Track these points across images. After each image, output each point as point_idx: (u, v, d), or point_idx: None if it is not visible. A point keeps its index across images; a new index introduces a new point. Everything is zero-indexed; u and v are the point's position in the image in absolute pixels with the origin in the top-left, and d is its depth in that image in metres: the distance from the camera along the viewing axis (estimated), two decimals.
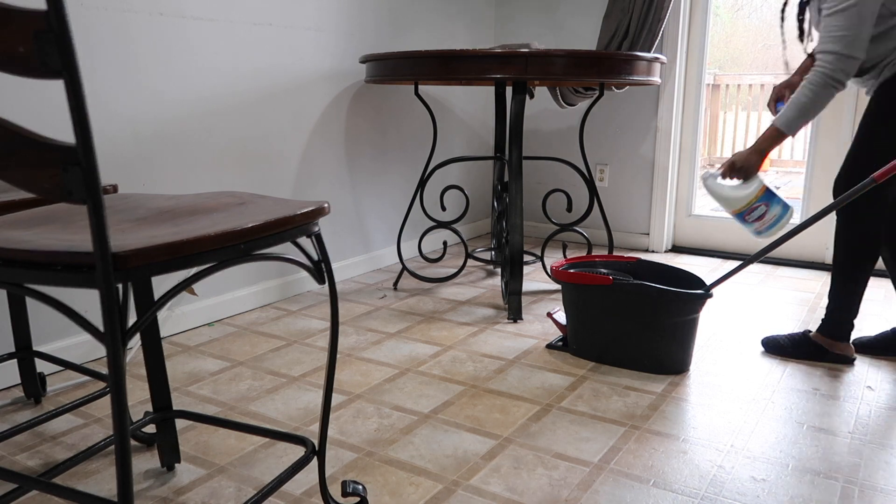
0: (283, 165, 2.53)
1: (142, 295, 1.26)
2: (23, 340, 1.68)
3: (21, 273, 0.86)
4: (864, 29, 1.69)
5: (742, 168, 1.91)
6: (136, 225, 1.00)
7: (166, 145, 2.12)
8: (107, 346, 0.82)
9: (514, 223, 2.36)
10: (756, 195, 1.89)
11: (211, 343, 2.15)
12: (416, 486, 1.38)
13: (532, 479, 1.40)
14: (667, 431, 1.60)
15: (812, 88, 1.77)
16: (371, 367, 1.97)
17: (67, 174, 0.76)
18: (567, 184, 3.54)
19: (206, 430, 1.61)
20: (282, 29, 2.44)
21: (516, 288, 2.38)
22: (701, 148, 3.36)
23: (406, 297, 2.63)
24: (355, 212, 2.91)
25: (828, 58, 1.74)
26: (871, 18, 1.69)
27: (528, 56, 2.15)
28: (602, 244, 3.35)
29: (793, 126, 1.83)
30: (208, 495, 1.35)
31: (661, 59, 2.40)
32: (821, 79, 1.75)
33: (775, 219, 1.89)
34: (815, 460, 1.48)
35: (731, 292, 2.70)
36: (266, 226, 0.99)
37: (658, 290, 1.85)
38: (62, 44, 0.71)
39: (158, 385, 1.38)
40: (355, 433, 1.59)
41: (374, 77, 2.47)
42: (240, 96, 2.32)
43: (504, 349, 2.11)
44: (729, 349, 2.11)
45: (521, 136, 2.36)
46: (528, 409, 1.72)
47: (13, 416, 1.68)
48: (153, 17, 2.03)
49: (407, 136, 3.13)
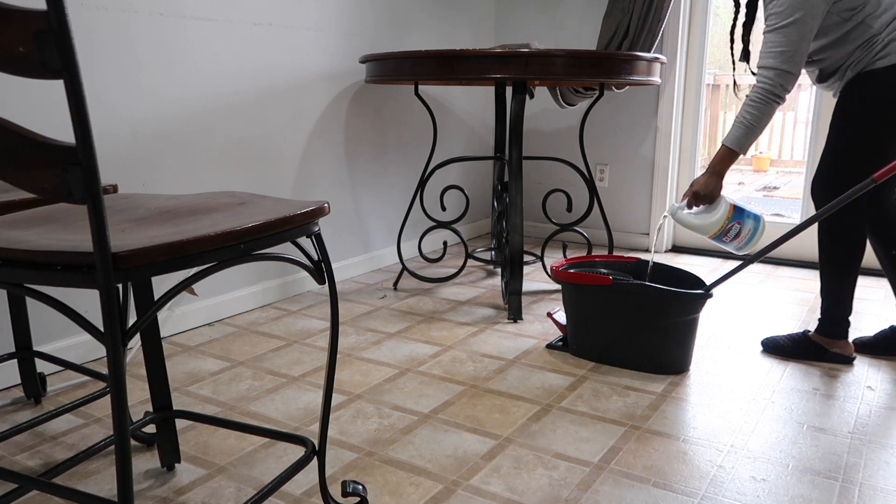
0: (283, 165, 2.53)
1: (142, 295, 1.27)
2: (23, 340, 1.68)
3: (21, 273, 0.86)
4: (803, 45, 1.73)
5: (706, 195, 1.93)
6: (136, 225, 1.00)
7: (166, 145, 2.12)
8: (107, 346, 0.83)
9: (514, 223, 2.36)
10: (727, 216, 1.91)
11: (211, 343, 2.15)
12: (416, 486, 1.38)
13: (532, 479, 1.40)
14: (667, 431, 1.60)
15: (754, 105, 1.80)
16: (371, 367, 1.97)
17: (67, 174, 0.76)
18: (567, 184, 3.54)
19: (206, 430, 1.61)
20: (282, 29, 2.44)
21: (516, 288, 2.38)
22: (701, 148, 3.37)
23: (406, 297, 2.63)
24: (355, 212, 2.91)
25: (768, 73, 1.77)
26: (811, 35, 1.73)
27: (528, 56, 2.15)
28: (602, 244, 3.35)
29: (743, 144, 1.86)
30: (208, 495, 1.35)
31: (661, 59, 2.40)
32: (761, 95, 1.79)
33: (751, 233, 1.91)
34: (815, 460, 1.48)
35: (731, 292, 2.70)
36: (266, 226, 0.99)
37: (658, 290, 1.85)
38: (62, 44, 0.71)
39: (158, 385, 1.38)
40: (355, 433, 1.59)
41: (373, 77, 2.47)
42: (240, 96, 2.32)
43: (504, 349, 2.11)
44: (729, 349, 2.11)
45: (521, 136, 2.36)
46: (528, 409, 1.72)
47: (13, 416, 1.68)
48: (153, 17, 2.03)
49: (407, 136, 3.13)
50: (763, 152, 6.46)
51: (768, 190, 5.68)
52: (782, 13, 1.72)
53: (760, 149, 6.46)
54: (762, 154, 6.44)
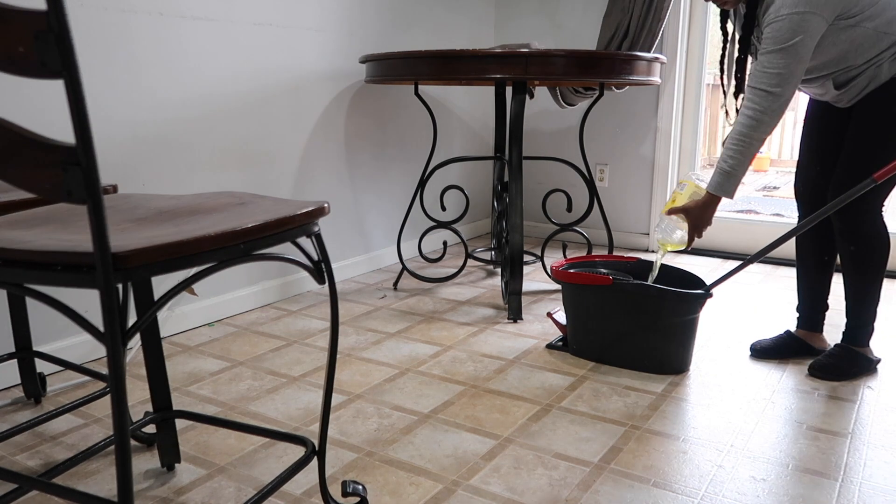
0: (283, 165, 2.53)
1: (142, 295, 1.27)
2: (23, 340, 1.68)
3: (21, 273, 0.86)
4: (799, 68, 1.68)
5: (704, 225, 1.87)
6: (136, 225, 1.00)
7: (166, 145, 2.12)
8: (107, 346, 0.82)
9: (514, 223, 2.36)
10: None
11: (211, 343, 2.15)
12: (416, 486, 1.38)
13: (532, 479, 1.40)
14: (667, 431, 1.60)
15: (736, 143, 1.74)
16: (371, 367, 1.97)
17: (67, 174, 0.76)
18: (567, 184, 3.54)
19: (206, 430, 1.61)
20: (282, 29, 2.44)
21: (516, 288, 2.38)
22: (701, 148, 3.37)
23: (406, 297, 2.63)
24: (355, 212, 2.91)
25: (758, 94, 1.71)
26: (808, 56, 1.67)
27: (528, 56, 2.15)
28: (602, 244, 3.35)
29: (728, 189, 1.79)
30: (208, 495, 1.35)
31: (661, 59, 2.40)
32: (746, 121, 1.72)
33: None
34: (815, 460, 1.48)
35: (731, 292, 2.70)
36: (266, 226, 0.99)
37: (658, 290, 1.85)
38: (62, 44, 0.71)
39: (158, 385, 1.38)
40: (355, 433, 1.59)
41: (374, 77, 2.47)
42: (240, 96, 2.32)
43: (504, 349, 2.11)
44: (729, 349, 2.11)
45: (521, 136, 2.36)
46: (528, 409, 1.72)
47: (13, 416, 1.68)
48: (153, 17, 2.03)
49: (407, 136, 3.13)
50: (763, 152, 6.46)
51: (768, 190, 5.68)
52: (780, 37, 1.66)
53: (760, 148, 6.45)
54: (762, 154, 6.44)
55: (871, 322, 1.90)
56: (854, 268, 1.86)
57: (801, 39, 1.65)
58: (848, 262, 1.86)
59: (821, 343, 2.03)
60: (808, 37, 1.65)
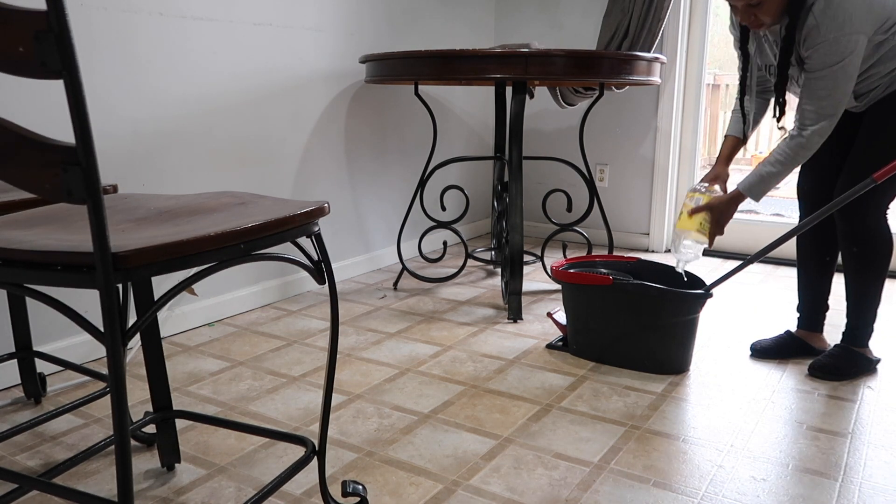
0: (283, 165, 2.53)
1: (142, 295, 1.27)
2: (23, 340, 1.68)
3: (21, 273, 0.86)
4: (849, 85, 1.69)
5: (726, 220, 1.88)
6: (136, 225, 1.00)
7: (166, 145, 2.12)
8: (107, 346, 0.83)
9: (514, 223, 2.36)
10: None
11: (211, 343, 2.15)
12: (416, 486, 1.38)
13: (532, 479, 1.40)
14: (667, 431, 1.60)
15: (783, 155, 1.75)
16: (371, 367, 1.97)
17: (67, 174, 0.76)
18: (567, 184, 3.54)
19: (206, 430, 1.61)
20: (282, 29, 2.44)
21: (516, 288, 2.38)
22: (701, 148, 3.36)
23: (406, 297, 2.63)
24: (355, 212, 2.91)
25: (811, 116, 1.71)
26: (856, 73, 1.68)
27: (528, 56, 2.15)
28: (602, 244, 3.35)
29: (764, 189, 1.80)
30: (208, 495, 1.35)
31: (661, 59, 2.40)
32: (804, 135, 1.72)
33: None
34: (815, 460, 1.48)
35: (731, 292, 2.70)
36: (266, 226, 0.99)
37: (658, 290, 1.85)
38: (62, 44, 0.71)
39: (158, 385, 1.38)
40: (355, 433, 1.59)
41: (373, 77, 2.47)
42: (240, 96, 2.32)
43: (504, 349, 2.11)
44: (729, 349, 2.11)
45: (521, 136, 2.36)
46: (528, 409, 1.72)
47: (13, 416, 1.68)
48: (153, 17, 2.03)
49: (407, 135, 3.13)
50: (763, 152, 6.46)
51: None
52: (830, 60, 1.65)
53: (760, 148, 6.46)
54: (762, 154, 6.44)
55: (871, 323, 1.90)
56: (856, 269, 1.86)
57: (850, 59, 1.65)
58: (850, 264, 1.86)
59: (821, 343, 2.03)
60: (856, 56, 1.66)
